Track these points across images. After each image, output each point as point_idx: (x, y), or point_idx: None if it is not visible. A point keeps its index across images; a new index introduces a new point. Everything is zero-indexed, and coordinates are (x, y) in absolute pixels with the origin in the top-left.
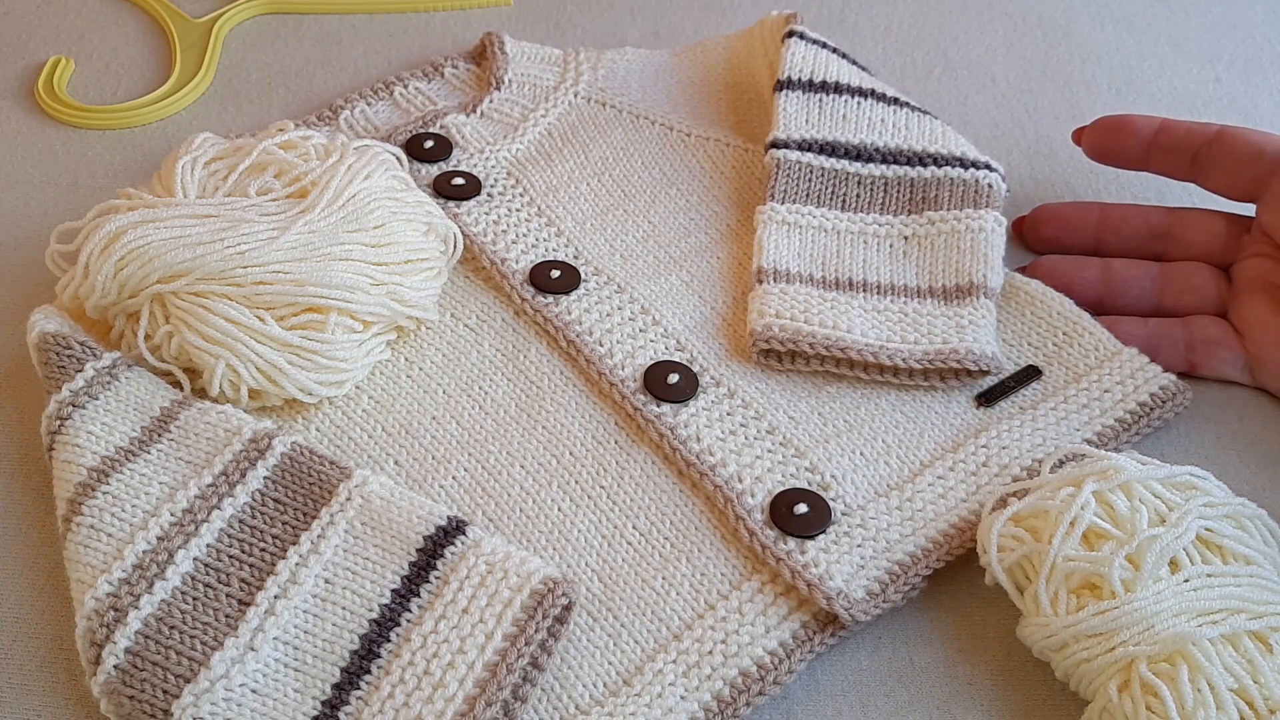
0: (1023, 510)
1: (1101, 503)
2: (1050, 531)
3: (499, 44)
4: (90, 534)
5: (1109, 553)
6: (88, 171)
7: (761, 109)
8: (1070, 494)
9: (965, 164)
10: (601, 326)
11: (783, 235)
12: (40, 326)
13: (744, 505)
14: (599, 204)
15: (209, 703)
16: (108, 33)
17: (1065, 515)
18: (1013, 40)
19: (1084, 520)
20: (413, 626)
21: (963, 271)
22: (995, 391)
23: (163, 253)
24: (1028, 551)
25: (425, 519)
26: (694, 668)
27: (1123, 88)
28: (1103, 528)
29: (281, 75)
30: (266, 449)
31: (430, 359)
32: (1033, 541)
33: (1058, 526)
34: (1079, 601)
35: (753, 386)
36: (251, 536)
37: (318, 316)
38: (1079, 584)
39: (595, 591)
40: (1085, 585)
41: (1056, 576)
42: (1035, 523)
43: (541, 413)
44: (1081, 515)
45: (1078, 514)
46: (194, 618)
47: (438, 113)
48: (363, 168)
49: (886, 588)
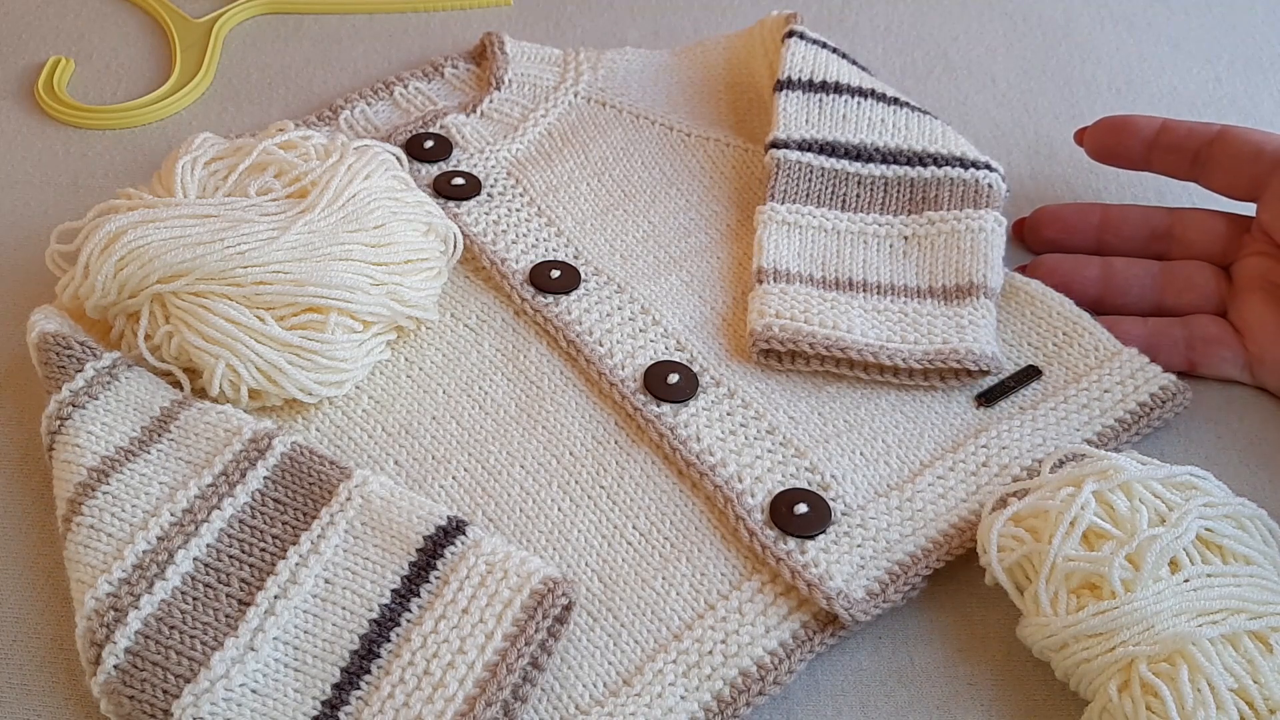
0: (1023, 510)
1: (1101, 503)
2: (1050, 531)
3: (499, 44)
4: (90, 534)
5: (1109, 553)
6: (88, 171)
7: (761, 109)
8: (1070, 494)
9: (965, 164)
10: (601, 326)
11: (783, 235)
12: (40, 326)
13: (744, 505)
14: (599, 204)
15: (209, 703)
16: (108, 33)
17: (1065, 515)
18: (1013, 40)
19: (1084, 520)
20: (413, 626)
21: (963, 271)
22: (995, 391)
23: (163, 253)
24: (1028, 552)
25: (425, 519)
26: (694, 668)
27: (1123, 88)
28: (1103, 528)
29: (281, 75)
30: (266, 449)
31: (430, 359)
32: (1033, 541)
33: (1057, 526)
34: (1079, 601)
35: (753, 386)
36: (251, 536)
37: (318, 316)
38: (1079, 584)
39: (595, 591)
40: (1085, 585)
41: (1056, 576)
42: (1035, 523)
43: (541, 413)
44: (1081, 515)
45: (1078, 514)
46: (194, 618)
47: (438, 113)
48: (363, 168)
49: (886, 588)
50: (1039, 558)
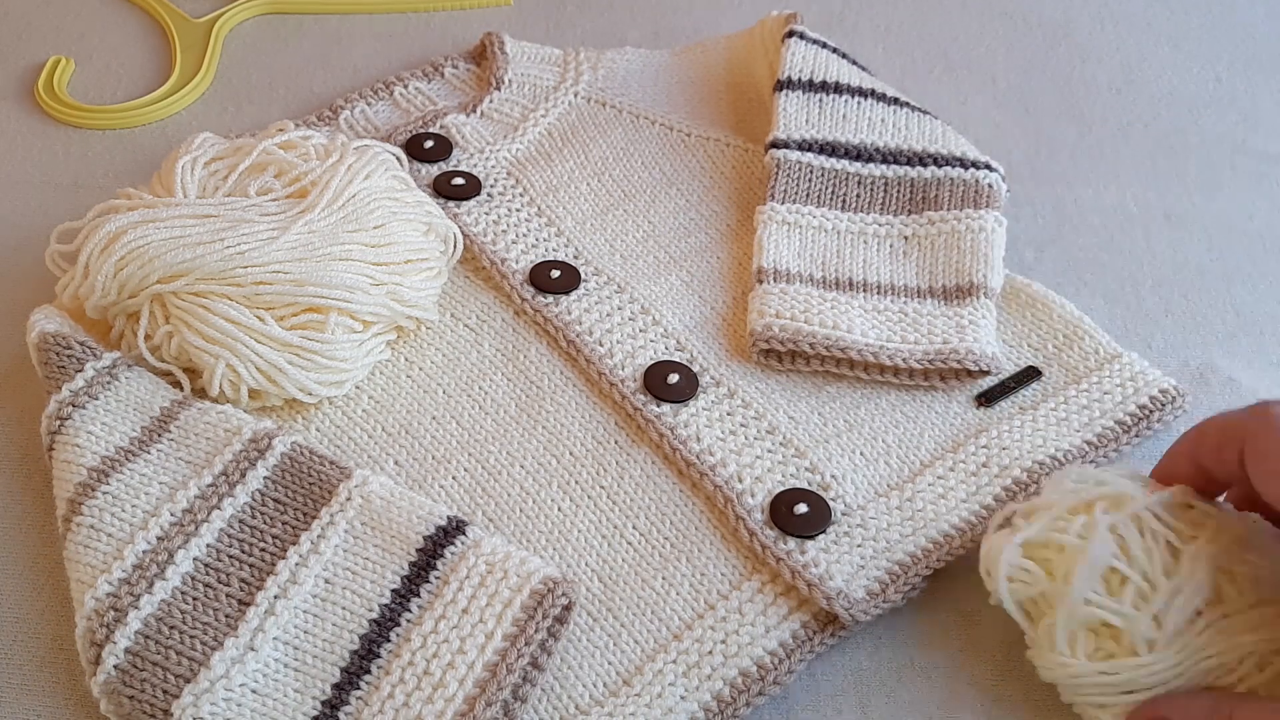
0: (1034, 538)
1: (1114, 534)
2: (1068, 570)
3: (499, 44)
4: (90, 534)
5: (1133, 607)
6: (88, 171)
7: (761, 109)
8: (1084, 525)
9: (965, 164)
10: (601, 326)
11: (783, 235)
12: (40, 326)
13: (744, 505)
14: (599, 204)
15: (209, 703)
16: (108, 33)
17: (1084, 557)
18: (1013, 40)
19: (1104, 562)
20: (413, 626)
21: (963, 271)
22: (995, 392)
23: (163, 253)
24: (1043, 590)
25: (425, 519)
26: (694, 668)
27: (1123, 88)
28: (1120, 568)
29: (281, 75)
30: (266, 449)
31: (430, 359)
32: (1045, 580)
33: (1075, 567)
34: (1097, 641)
35: (753, 386)
36: (251, 536)
37: (318, 316)
38: (1096, 624)
39: (595, 591)
40: (1101, 623)
41: (1075, 619)
42: (1047, 554)
43: (541, 413)
44: (1100, 557)
45: (1097, 555)
46: (194, 618)
47: (438, 113)
48: (363, 168)
49: (886, 588)
50: (1054, 595)
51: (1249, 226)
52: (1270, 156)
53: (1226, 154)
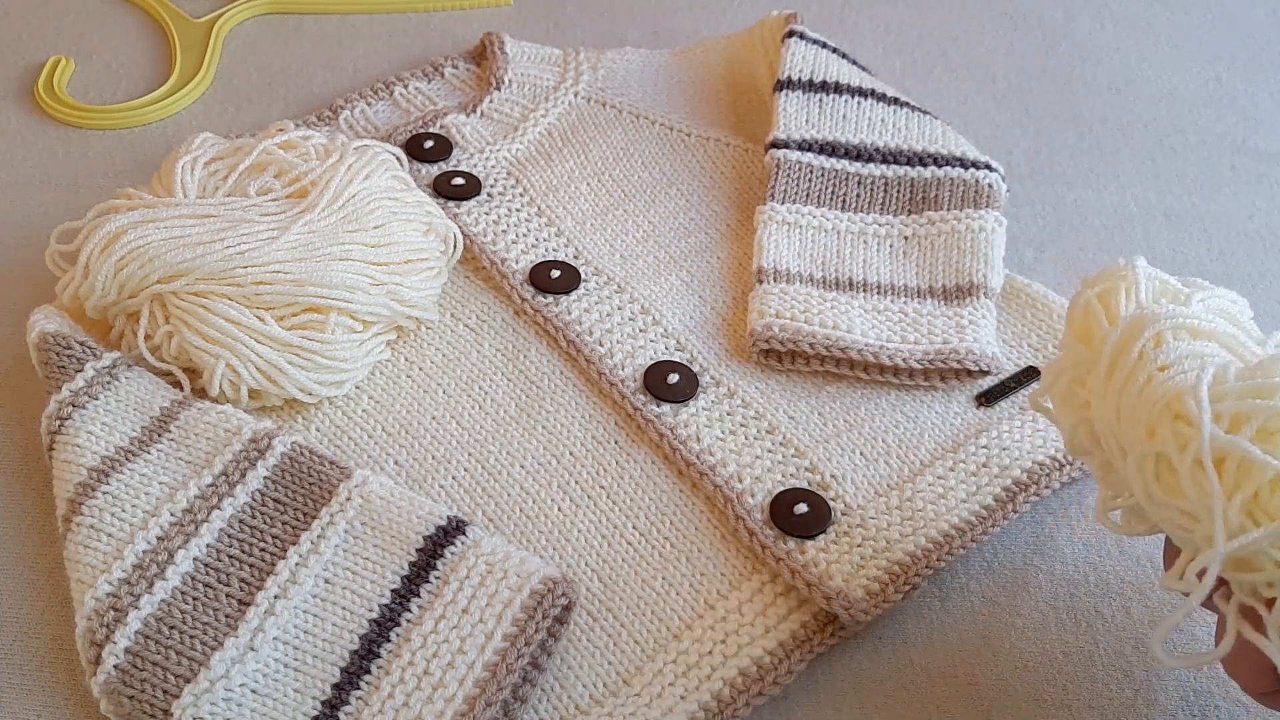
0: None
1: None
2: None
3: (499, 44)
4: (90, 534)
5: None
6: (88, 171)
7: (761, 109)
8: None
9: (965, 164)
10: (601, 326)
11: (783, 235)
12: (40, 326)
13: (744, 505)
14: (599, 204)
15: (209, 703)
16: (108, 33)
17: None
18: (1013, 40)
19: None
20: (413, 626)
21: (963, 271)
22: (995, 392)
23: (163, 253)
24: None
25: (425, 519)
26: (693, 668)
27: (1123, 88)
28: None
29: (281, 75)
30: (266, 449)
31: (430, 359)
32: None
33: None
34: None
35: (753, 386)
36: (251, 536)
37: (318, 316)
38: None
39: (595, 591)
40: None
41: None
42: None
43: (541, 413)
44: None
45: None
46: (194, 618)
47: (438, 113)
48: (363, 168)
49: (886, 588)
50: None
51: (1249, 226)
52: (1270, 156)
53: (1226, 154)
